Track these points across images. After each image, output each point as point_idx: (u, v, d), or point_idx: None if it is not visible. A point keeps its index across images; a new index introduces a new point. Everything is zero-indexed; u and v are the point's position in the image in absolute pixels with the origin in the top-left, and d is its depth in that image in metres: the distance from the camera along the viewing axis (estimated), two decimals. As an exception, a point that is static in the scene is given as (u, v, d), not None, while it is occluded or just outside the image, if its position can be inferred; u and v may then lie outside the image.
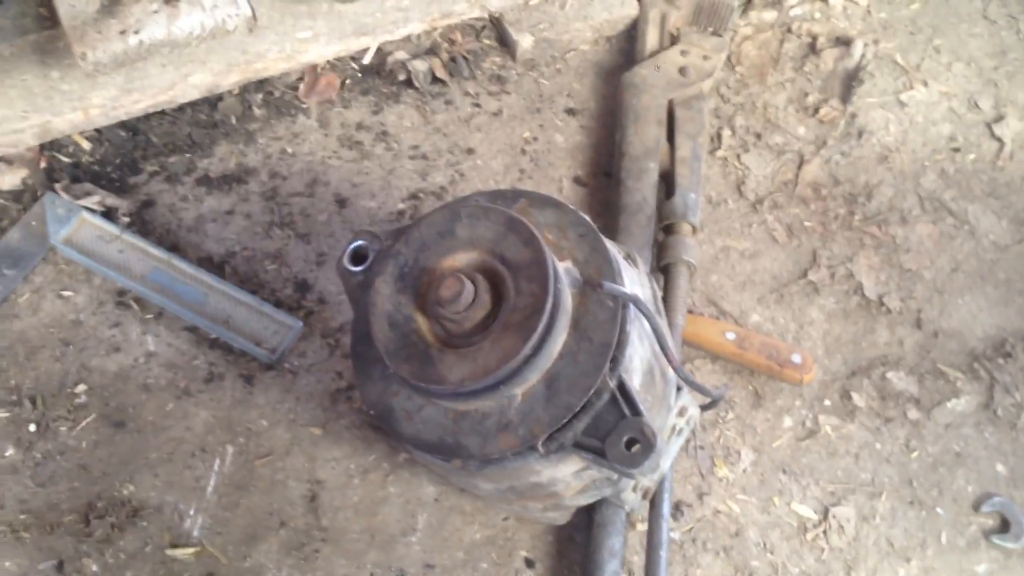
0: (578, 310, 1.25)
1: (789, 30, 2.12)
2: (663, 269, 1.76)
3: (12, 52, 1.71)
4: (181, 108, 1.87)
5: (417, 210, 1.83)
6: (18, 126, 1.71)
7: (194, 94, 1.84)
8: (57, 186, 1.76)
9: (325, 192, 1.84)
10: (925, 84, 2.06)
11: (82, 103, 1.74)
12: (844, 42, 2.10)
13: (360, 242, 1.37)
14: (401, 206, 1.84)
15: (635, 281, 1.37)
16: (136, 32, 1.62)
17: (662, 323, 1.39)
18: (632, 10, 2.08)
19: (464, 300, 1.20)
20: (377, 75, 1.99)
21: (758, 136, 1.98)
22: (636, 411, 1.21)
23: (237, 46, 1.82)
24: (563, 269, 1.25)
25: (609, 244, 1.34)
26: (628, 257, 1.42)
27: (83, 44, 1.61)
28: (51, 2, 1.66)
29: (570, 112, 1.99)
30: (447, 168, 1.90)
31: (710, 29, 2.04)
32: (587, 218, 1.32)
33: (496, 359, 1.18)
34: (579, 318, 1.25)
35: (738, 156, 1.95)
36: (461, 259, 1.25)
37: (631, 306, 1.24)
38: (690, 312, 1.75)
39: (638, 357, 1.28)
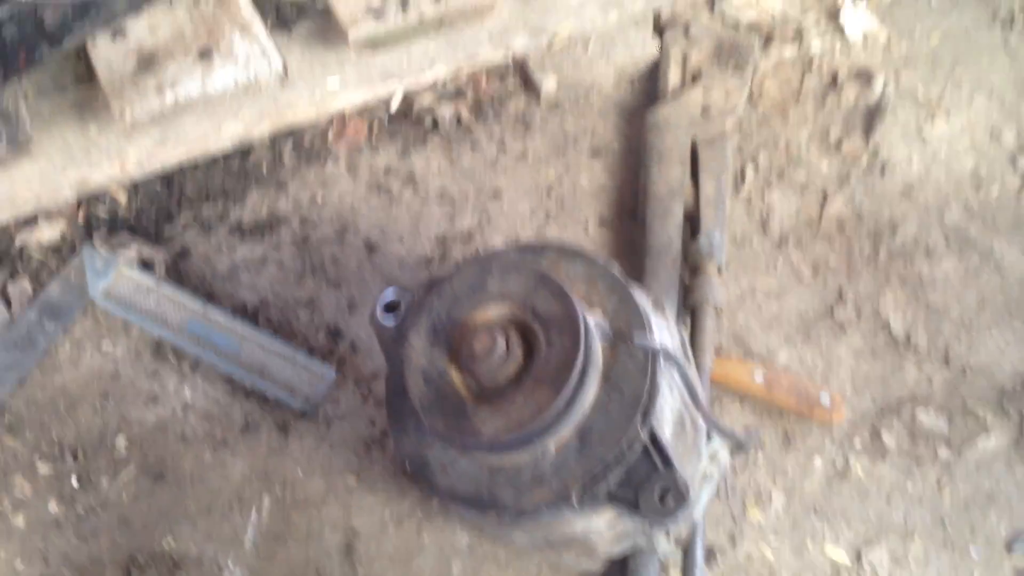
0: (608, 362, 1.27)
1: (810, 66, 2.14)
2: (690, 310, 1.77)
3: (52, 109, 1.75)
4: (213, 158, 1.91)
5: (445, 255, 1.86)
6: (57, 181, 1.75)
7: (227, 144, 1.88)
8: (95, 238, 1.80)
9: (355, 238, 1.87)
10: (947, 117, 2.07)
11: (119, 157, 1.78)
12: (865, 77, 2.11)
13: (392, 295, 1.40)
14: (429, 250, 1.87)
15: (664, 330, 1.39)
16: (172, 88, 1.67)
17: (691, 371, 1.41)
18: (653, 50, 2.10)
19: (497, 355, 1.23)
20: (404, 120, 2.02)
21: (781, 173, 1.99)
22: (668, 463, 1.23)
23: (268, 96, 1.85)
24: (593, 322, 1.27)
25: (637, 293, 1.36)
26: (656, 304, 1.44)
27: (121, 101, 1.66)
28: (89, 60, 1.70)
29: (594, 153, 2.02)
30: (474, 211, 1.92)
31: (731, 67, 2.06)
32: (616, 268, 1.35)
33: (529, 413, 1.20)
34: (609, 370, 1.27)
35: (762, 194, 1.97)
36: (493, 312, 1.28)
37: (661, 356, 1.26)
38: (718, 353, 1.76)
39: (668, 407, 1.30)
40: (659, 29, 2.13)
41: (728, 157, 1.95)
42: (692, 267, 1.81)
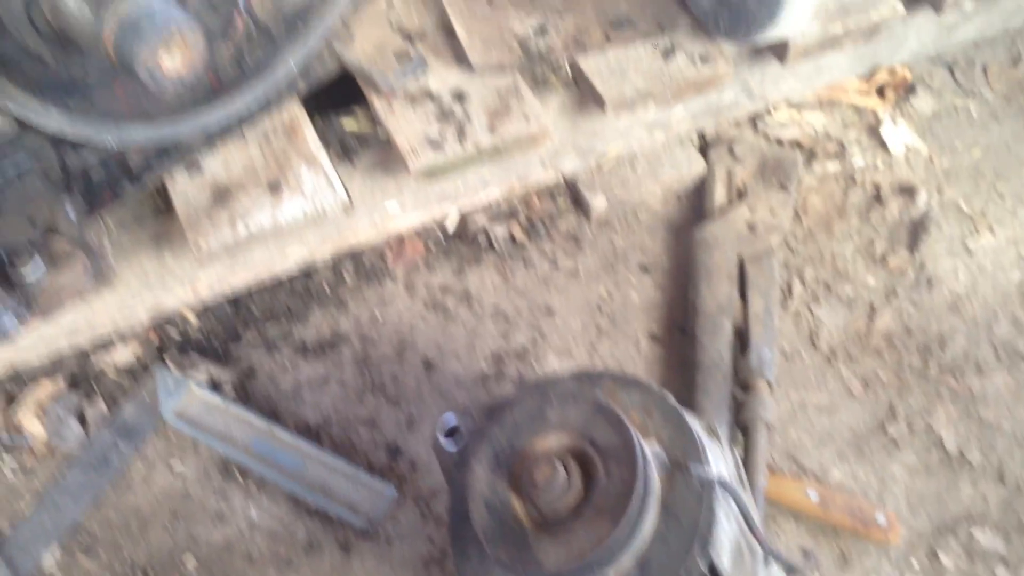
0: (666, 492, 1.30)
1: (853, 180, 2.19)
2: (741, 427, 1.80)
3: (131, 240, 1.86)
4: (278, 279, 2.00)
5: (501, 372, 1.92)
6: (134, 306, 1.85)
7: (291, 267, 1.97)
8: (166, 359, 1.89)
9: (413, 356, 1.94)
10: (991, 230, 2.10)
11: (191, 282, 1.87)
12: (908, 191, 2.16)
13: (452, 420, 1.45)
14: (485, 368, 1.93)
15: (718, 456, 1.42)
16: (244, 220, 1.76)
17: (747, 498, 1.43)
18: (699, 168, 2.18)
19: (557, 485, 1.27)
20: (459, 239, 2.10)
21: (828, 287, 2.03)
22: (728, 594, 1.25)
23: (332, 223, 1.95)
24: (650, 452, 1.31)
25: (692, 420, 1.39)
26: (710, 430, 1.47)
27: (196, 233, 1.75)
28: (167, 193, 1.81)
29: (644, 269, 2.07)
30: (528, 328, 1.98)
31: (775, 183, 2.13)
32: (670, 397, 1.39)
33: (590, 543, 1.23)
34: (667, 499, 1.29)
35: (809, 308, 2.01)
36: (552, 442, 1.32)
37: (717, 486, 1.29)
38: (770, 469, 1.78)
39: (726, 536, 1.32)
40: (704, 148, 2.21)
41: (775, 273, 2.00)
42: (743, 383, 1.85)
